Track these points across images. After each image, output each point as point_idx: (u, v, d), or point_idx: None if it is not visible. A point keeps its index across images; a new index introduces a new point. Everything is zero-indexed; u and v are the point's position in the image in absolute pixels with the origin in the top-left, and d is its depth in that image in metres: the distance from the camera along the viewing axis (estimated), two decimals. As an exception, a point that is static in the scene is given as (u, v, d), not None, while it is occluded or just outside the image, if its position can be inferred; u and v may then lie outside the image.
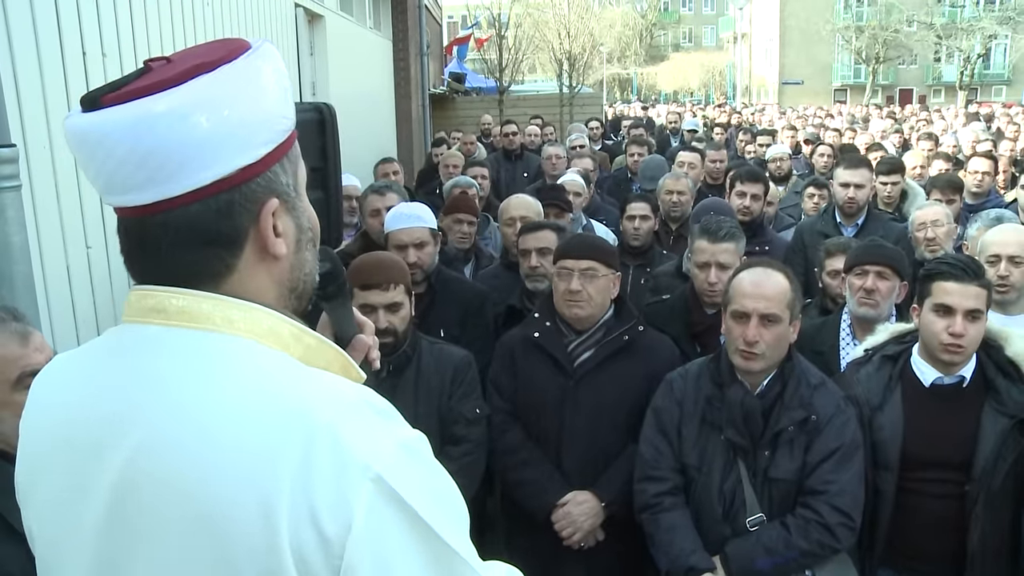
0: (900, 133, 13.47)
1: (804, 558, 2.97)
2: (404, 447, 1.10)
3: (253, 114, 1.14)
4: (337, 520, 1.02)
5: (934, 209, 5.30)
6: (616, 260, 3.63)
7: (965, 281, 3.03)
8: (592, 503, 3.41)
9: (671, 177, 6.10)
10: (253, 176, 1.15)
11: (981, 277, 3.07)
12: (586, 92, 20.71)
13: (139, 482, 1.09)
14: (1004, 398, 3.06)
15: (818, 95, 46.65)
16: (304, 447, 1.03)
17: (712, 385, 3.11)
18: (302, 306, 1.29)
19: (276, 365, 1.14)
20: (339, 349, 1.27)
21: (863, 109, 25.83)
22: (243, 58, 1.16)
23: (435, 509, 1.10)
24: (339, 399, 1.11)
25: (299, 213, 1.24)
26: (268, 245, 1.18)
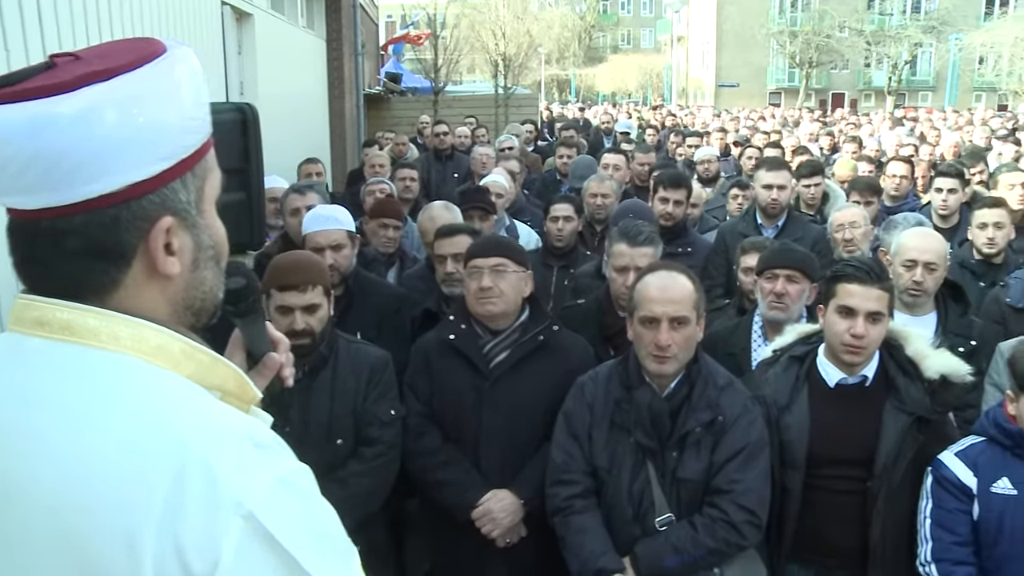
0: (831, 136, 13.72)
1: (711, 556, 3.02)
2: (282, 482, 1.07)
3: (159, 126, 1.10)
4: (204, 557, 0.99)
5: (851, 211, 5.40)
6: (526, 258, 3.65)
7: (867, 283, 3.10)
8: (511, 501, 3.44)
9: (596, 179, 6.13)
10: (144, 193, 1.11)
11: (884, 280, 3.14)
12: (522, 93, 20.72)
13: (12, 496, 1.06)
14: (904, 396, 3.14)
15: (753, 98, 47.31)
16: (175, 479, 1.01)
17: (621, 388, 3.14)
18: (201, 323, 1.25)
19: (158, 387, 1.10)
20: (234, 367, 1.23)
21: (796, 112, 26.27)
22: (156, 63, 1.12)
23: (309, 548, 1.06)
24: (218, 430, 1.07)
25: (199, 231, 1.19)
26: (157, 264, 1.14)
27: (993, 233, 5.18)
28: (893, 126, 17.16)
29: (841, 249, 5.13)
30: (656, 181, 5.63)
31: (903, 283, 4.07)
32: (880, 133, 15.37)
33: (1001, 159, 10.60)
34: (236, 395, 1.23)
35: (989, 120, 19.51)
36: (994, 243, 5.18)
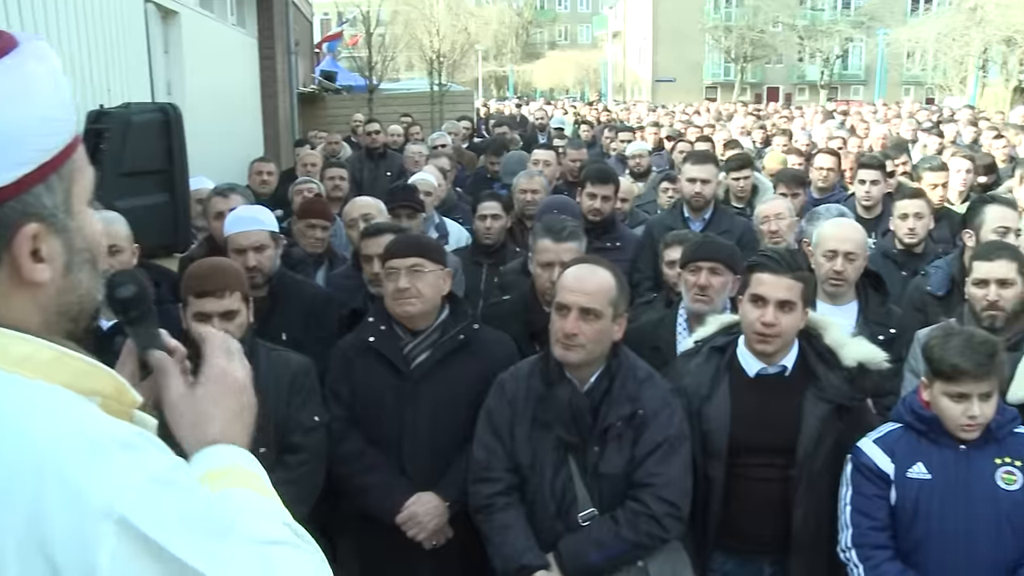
0: (763, 130, 13.89)
1: (635, 549, 3.03)
2: (154, 481, 1.04)
3: (12, 129, 1.05)
4: (80, 569, 0.96)
5: (776, 203, 5.47)
6: (445, 256, 3.63)
7: (779, 273, 3.13)
8: (436, 503, 3.42)
9: (525, 176, 6.13)
10: (2, 201, 1.06)
11: (796, 269, 3.17)
12: (457, 90, 20.70)
13: None
14: (824, 384, 3.18)
15: (690, 92, 47.73)
16: (35, 493, 0.97)
17: (542, 384, 3.14)
18: (79, 329, 1.21)
19: (17, 398, 1.05)
20: (111, 373, 1.20)
21: (731, 106, 26.57)
22: (3, 60, 1.07)
23: (193, 543, 1.04)
24: (77, 437, 1.03)
25: (71, 234, 1.15)
26: (23, 272, 1.09)
27: (914, 223, 5.28)
28: (824, 119, 17.41)
29: (767, 241, 5.18)
30: (583, 177, 5.64)
31: (824, 273, 4.13)
32: (811, 126, 15.61)
33: (926, 151, 10.83)
34: (116, 400, 1.19)
35: (916, 113, 19.87)
36: (915, 233, 5.28)
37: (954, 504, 3.00)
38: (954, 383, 2.95)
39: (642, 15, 61.96)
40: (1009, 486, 2.99)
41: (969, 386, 2.94)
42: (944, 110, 22.36)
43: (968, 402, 2.95)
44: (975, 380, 2.94)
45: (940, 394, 3.00)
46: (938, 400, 3.01)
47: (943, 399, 3.00)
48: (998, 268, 3.88)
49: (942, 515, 3.00)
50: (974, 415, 2.96)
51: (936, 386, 3.01)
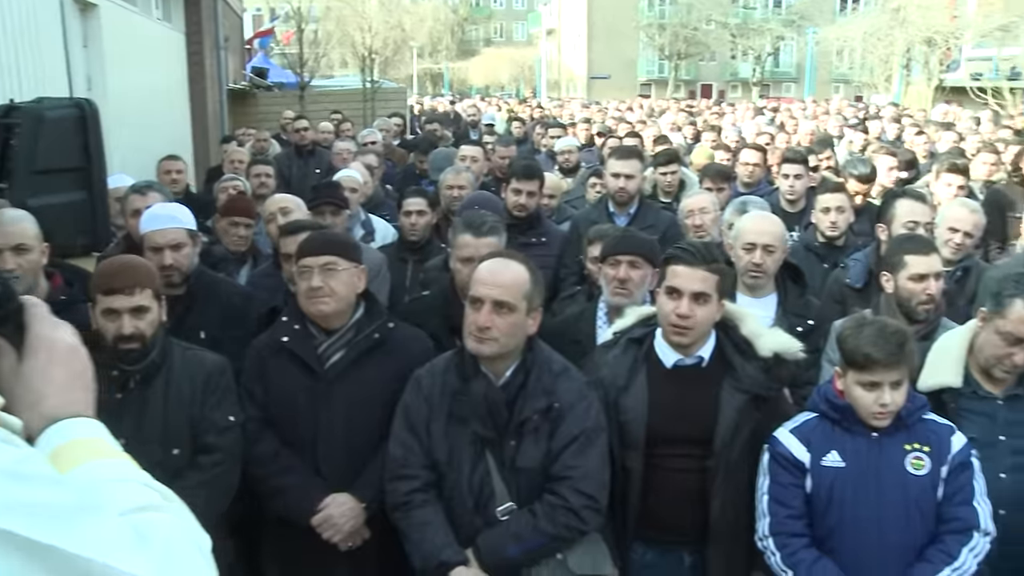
0: (693, 126, 14.03)
1: (553, 542, 3.04)
2: (8, 474, 1.03)
3: None
4: None
5: (700, 197, 5.53)
6: (359, 254, 3.59)
7: (694, 265, 3.15)
8: (352, 504, 3.38)
9: (452, 171, 6.12)
10: None
11: (711, 262, 3.19)
12: (390, 87, 20.57)
13: None
14: (740, 375, 3.21)
15: (624, 89, 48.04)
16: None
17: (457, 379, 3.12)
18: None
19: None
20: None
21: (665, 103, 26.80)
22: None
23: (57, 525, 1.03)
24: None
25: None
26: None
27: (835, 217, 5.38)
28: (755, 116, 17.67)
29: (692, 235, 5.23)
30: (508, 172, 5.64)
31: (743, 265, 4.17)
32: (742, 123, 15.82)
33: (852, 146, 11.04)
34: None
35: (843, 110, 20.25)
36: (836, 226, 5.38)
37: (866, 491, 3.05)
38: (866, 372, 3.00)
39: (577, 12, 62.24)
40: (918, 471, 3.05)
41: (880, 375, 2.99)
42: (871, 107, 22.83)
43: (880, 390, 3.00)
44: (886, 369, 2.99)
45: (853, 383, 3.05)
46: (851, 389, 3.06)
47: (856, 388, 3.04)
48: (934, 262, 3.97)
49: (855, 502, 3.06)
50: (885, 403, 3.01)
51: (849, 375, 3.06)
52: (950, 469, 3.07)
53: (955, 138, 11.68)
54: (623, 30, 57.32)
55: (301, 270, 3.43)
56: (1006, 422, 3.42)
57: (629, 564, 3.35)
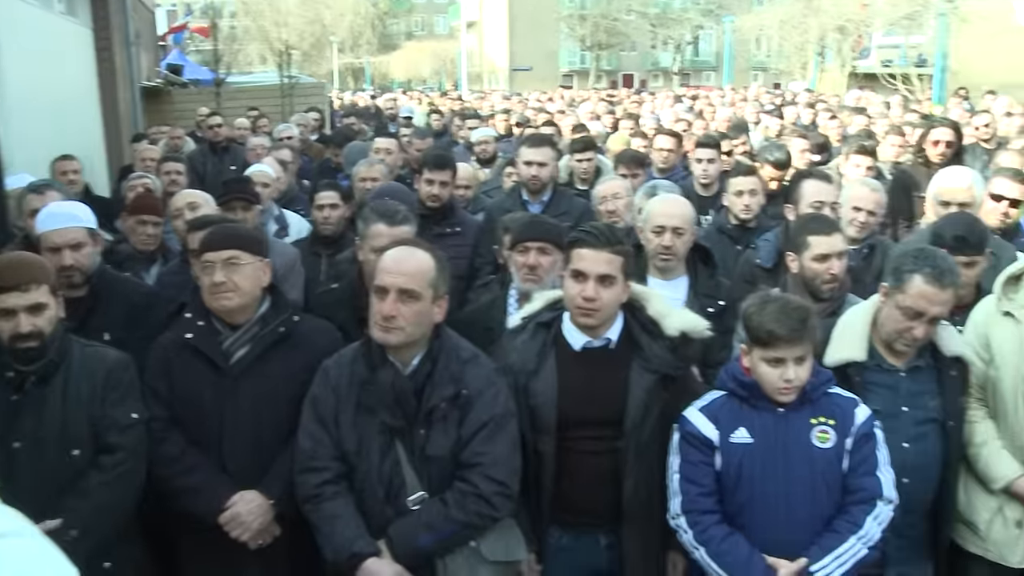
0: (612, 115, 14.12)
1: (465, 530, 3.04)
2: None
3: None
4: None
5: (613, 183, 5.56)
6: (263, 247, 3.54)
7: (598, 247, 3.16)
8: (260, 502, 3.33)
9: (365, 164, 6.09)
10: None
11: (615, 244, 3.21)
12: (308, 82, 20.32)
13: None
14: (648, 355, 3.24)
15: (546, 81, 48.23)
16: None
17: (365, 369, 3.10)
18: None
19: None
20: None
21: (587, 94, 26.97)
22: None
23: None
24: None
25: None
26: None
27: (748, 200, 5.46)
28: (673, 103, 17.89)
29: (606, 220, 5.26)
30: (420, 163, 5.62)
31: (653, 248, 4.21)
32: (661, 110, 16.00)
33: (768, 132, 11.25)
34: None
35: (760, 97, 20.59)
36: (749, 209, 5.47)
37: (774, 466, 3.10)
38: (770, 348, 3.05)
39: (498, 4, 62.28)
40: (823, 444, 3.12)
41: (784, 351, 3.04)
42: (787, 94, 23.25)
43: (784, 366, 3.06)
44: (789, 345, 3.04)
45: (758, 360, 3.10)
46: (757, 366, 3.11)
47: (761, 364, 3.09)
48: (836, 242, 4.05)
49: (763, 477, 3.10)
50: (790, 379, 3.06)
51: (755, 352, 3.11)
52: (854, 441, 3.14)
53: (865, 122, 12.00)
54: (544, 22, 57.51)
55: (204, 265, 3.38)
56: (908, 393, 3.51)
57: (545, 548, 3.36)
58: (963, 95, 19.07)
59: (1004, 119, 12.32)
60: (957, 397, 3.58)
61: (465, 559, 3.08)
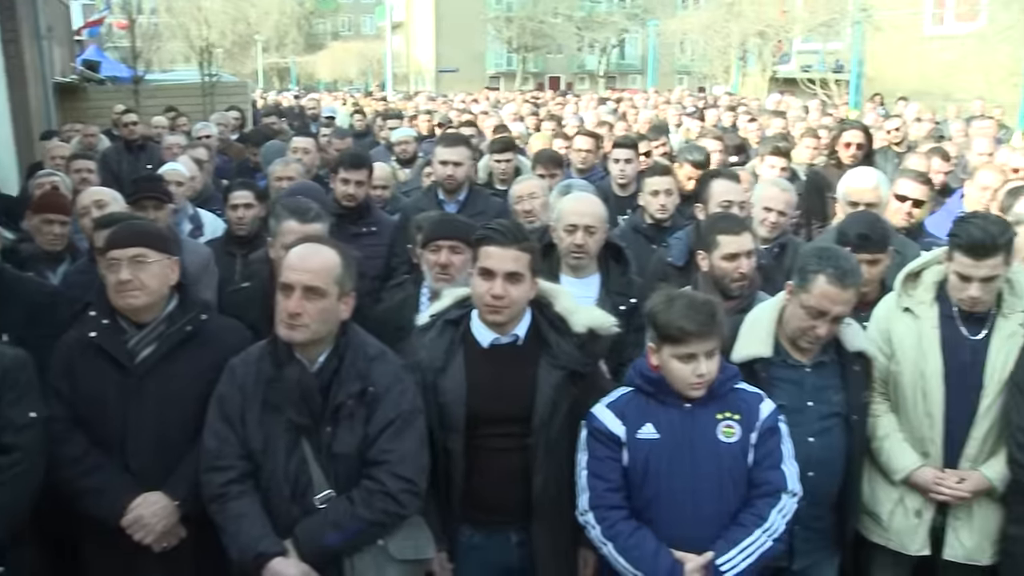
0: (536, 116, 14.19)
1: (372, 528, 3.02)
2: None
3: None
4: None
5: (530, 183, 5.59)
6: (171, 244, 3.49)
7: (505, 245, 3.18)
8: (164, 503, 3.27)
9: (281, 163, 6.05)
10: None
11: (522, 241, 3.22)
12: (230, 81, 20.04)
13: None
14: (556, 351, 3.26)
15: (473, 82, 48.14)
16: None
17: (271, 366, 3.07)
18: None
19: None
20: None
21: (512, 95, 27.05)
22: None
23: None
24: None
25: None
26: None
27: (663, 200, 5.53)
28: (597, 106, 18.05)
29: (523, 220, 5.28)
30: (336, 162, 5.60)
31: (566, 247, 4.23)
32: (585, 112, 16.13)
33: (689, 134, 11.41)
34: None
35: (684, 99, 20.89)
36: (664, 209, 5.54)
37: (681, 461, 3.14)
38: (682, 344, 3.08)
39: (424, 6, 62.12)
40: (729, 439, 3.16)
41: (696, 346, 3.08)
42: (710, 98, 23.62)
43: (696, 361, 3.09)
44: (700, 339, 3.08)
45: (669, 357, 3.12)
46: (668, 363, 3.13)
47: (673, 361, 3.12)
48: (745, 241, 4.12)
49: (670, 472, 3.14)
50: (702, 373, 3.11)
51: (665, 350, 3.13)
52: (759, 435, 3.20)
53: (783, 125, 12.25)
54: (471, 23, 57.52)
55: (109, 263, 3.31)
56: (813, 388, 3.59)
57: (457, 547, 3.36)
58: (878, 101, 19.64)
59: (915, 124, 12.76)
60: (860, 392, 3.67)
61: (373, 558, 3.06)
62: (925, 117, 13.74)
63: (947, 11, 25.54)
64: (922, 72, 22.61)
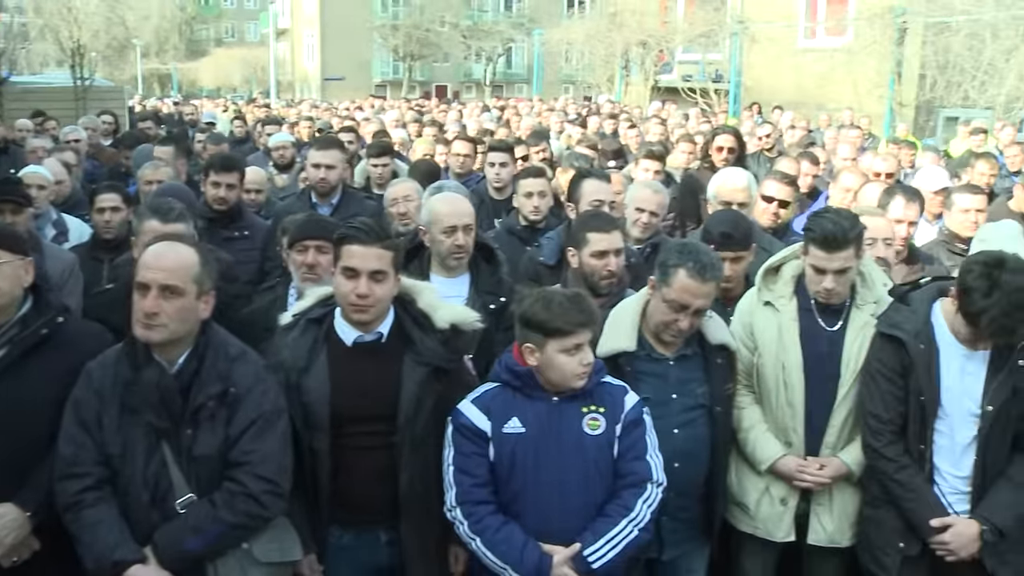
0: (419, 123, 14.17)
1: (235, 531, 2.97)
2: None
3: None
4: None
5: (404, 185, 5.60)
6: (24, 245, 3.36)
7: (368, 243, 3.18)
8: (14, 515, 3.14)
9: (150, 167, 5.93)
10: None
11: (385, 239, 3.23)
12: (104, 85, 19.40)
13: None
14: (420, 348, 3.27)
15: (359, 90, 47.67)
16: None
17: (129, 368, 3.00)
18: None
19: None
20: None
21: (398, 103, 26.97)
22: None
23: None
24: None
25: None
26: None
27: (537, 201, 5.60)
28: (481, 113, 18.15)
29: (398, 223, 5.28)
30: (206, 165, 5.50)
31: (446, 248, 4.22)
32: (469, 119, 16.19)
33: (570, 140, 11.58)
34: None
35: (567, 107, 21.17)
36: (538, 210, 5.60)
37: (547, 454, 3.18)
38: (569, 337, 3.13)
39: (310, 12, 61.30)
40: (594, 431, 3.23)
41: (582, 336, 3.15)
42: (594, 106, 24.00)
43: (582, 351, 3.16)
44: (586, 329, 3.16)
45: (556, 352, 3.15)
46: (554, 358, 3.15)
47: (559, 356, 3.15)
48: (614, 239, 4.19)
49: (536, 466, 3.18)
50: (589, 361, 3.18)
51: (550, 345, 3.15)
52: (623, 427, 3.27)
53: (662, 131, 12.56)
54: (357, 31, 56.94)
55: None
56: (677, 381, 3.68)
57: (326, 548, 3.34)
58: (756, 110, 20.30)
59: (788, 131, 13.25)
60: (723, 384, 3.77)
61: (237, 561, 3.01)
62: (799, 125, 14.28)
63: (818, 26, 26.52)
64: (797, 83, 23.39)
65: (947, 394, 3.59)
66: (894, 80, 22.21)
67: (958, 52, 19.74)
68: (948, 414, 3.60)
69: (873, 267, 3.99)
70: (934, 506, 3.62)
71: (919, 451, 3.64)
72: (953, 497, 3.64)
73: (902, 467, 3.64)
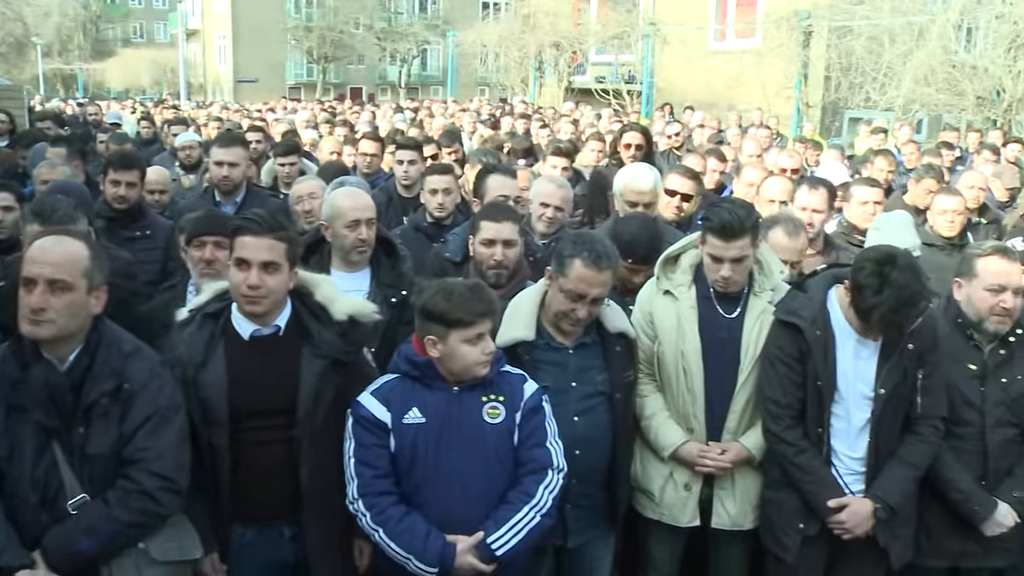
0: (330, 124, 14.08)
1: (130, 530, 2.93)
2: None
3: None
4: None
5: (310, 183, 5.59)
6: None
7: (260, 234, 3.16)
8: None
9: (47, 166, 5.80)
10: None
11: (278, 230, 3.22)
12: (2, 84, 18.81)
13: None
14: (318, 341, 3.27)
15: (273, 92, 46.97)
16: None
17: (17, 367, 2.92)
18: None
19: None
20: None
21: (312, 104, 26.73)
22: None
23: None
24: None
25: None
26: None
27: (442, 199, 5.61)
28: (394, 114, 18.09)
29: (303, 221, 5.26)
30: (105, 163, 5.41)
31: (350, 243, 4.22)
32: (382, 120, 16.15)
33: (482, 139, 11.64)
34: None
35: (481, 109, 21.26)
36: (443, 207, 5.61)
37: (448, 444, 3.21)
38: (471, 327, 3.17)
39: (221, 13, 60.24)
40: (494, 420, 3.27)
41: (483, 326, 3.19)
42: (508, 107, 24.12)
43: (484, 340, 3.19)
44: (487, 318, 3.20)
45: (459, 342, 3.18)
46: (457, 349, 3.18)
47: (462, 346, 3.18)
48: (505, 229, 4.23)
49: (437, 456, 3.20)
50: (491, 350, 3.22)
51: (452, 336, 3.17)
52: (523, 415, 3.31)
53: (573, 130, 12.70)
54: (270, 32, 56.14)
55: None
56: (576, 369, 3.72)
57: (229, 546, 3.31)
58: (668, 111, 20.62)
59: (698, 130, 13.53)
60: (622, 371, 3.82)
61: (132, 561, 2.96)
62: (708, 124, 14.58)
63: (728, 28, 27.03)
64: (708, 84, 23.86)
65: (843, 378, 3.72)
66: (800, 82, 22.80)
67: (860, 55, 20.32)
68: (844, 398, 3.73)
69: (770, 255, 4.09)
70: (832, 487, 3.75)
71: (817, 434, 3.76)
72: (849, 478, 3.78)
73: (801, 451, 3.75)
